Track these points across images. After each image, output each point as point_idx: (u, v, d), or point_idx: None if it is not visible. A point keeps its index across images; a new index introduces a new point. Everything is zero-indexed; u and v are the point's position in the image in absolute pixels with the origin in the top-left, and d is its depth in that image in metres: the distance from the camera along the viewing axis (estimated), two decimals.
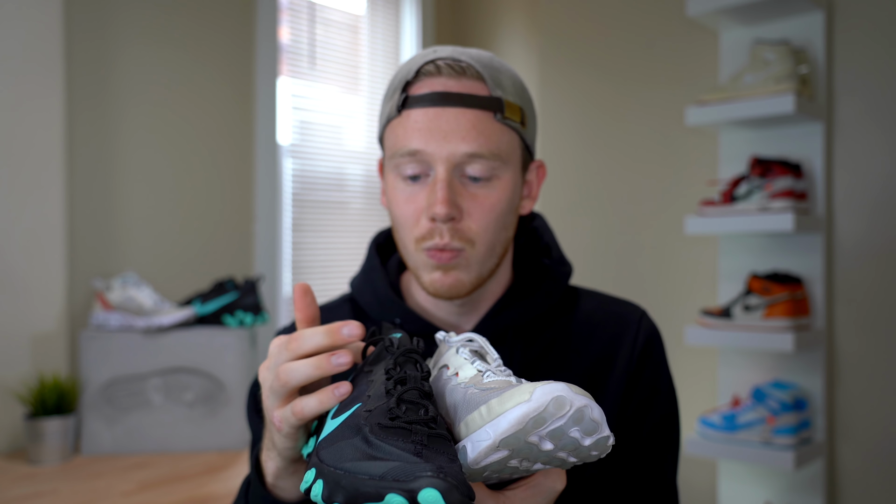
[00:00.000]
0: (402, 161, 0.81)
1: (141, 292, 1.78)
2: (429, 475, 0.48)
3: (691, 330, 2.00)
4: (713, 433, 1.97)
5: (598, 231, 2.55)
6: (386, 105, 0.85)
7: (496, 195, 0.82)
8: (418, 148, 0.79)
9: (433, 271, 0.82)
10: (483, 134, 0.79)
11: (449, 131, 0.78)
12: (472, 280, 0.83)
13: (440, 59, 0.81)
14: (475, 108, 0.79)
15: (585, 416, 0.54)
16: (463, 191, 0.80)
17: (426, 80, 0.81)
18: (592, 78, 2.58)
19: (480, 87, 0.80)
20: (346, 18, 2.68)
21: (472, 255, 0.82)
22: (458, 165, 0.79)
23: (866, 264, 2.00)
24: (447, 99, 0.79)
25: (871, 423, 1.99)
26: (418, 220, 0.81)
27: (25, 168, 1.79)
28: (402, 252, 0.86)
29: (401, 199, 0.82)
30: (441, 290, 0.82)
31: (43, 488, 1.48)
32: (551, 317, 0.90)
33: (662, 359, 0.91)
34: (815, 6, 1.97)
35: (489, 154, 0.79)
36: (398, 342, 0.66)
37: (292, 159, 2.49)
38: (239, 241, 2.30)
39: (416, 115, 0.80)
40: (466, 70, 0.80)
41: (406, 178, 0.82)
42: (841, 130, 2.04)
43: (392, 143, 0.83)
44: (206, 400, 1.74)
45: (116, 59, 2.02)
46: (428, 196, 0.80)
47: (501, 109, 0.80)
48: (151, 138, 2.10)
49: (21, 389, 1.75)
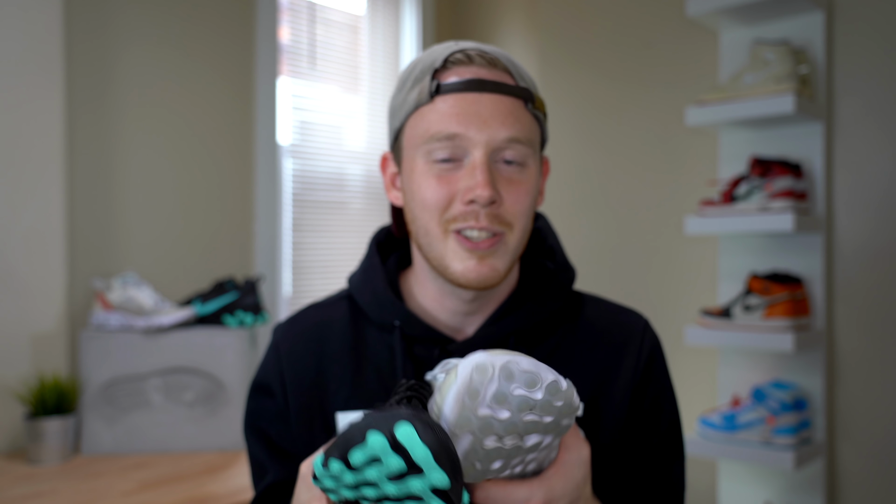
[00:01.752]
0: (435, 146, 0.79)
1: (141, 292, 1.78)
2: (405, 416, 0.53)
3: (691, 330, 2.00)
4: (713, 433, 1.97)
5: (598, 231, 2.55)
6: (408, 94, 0.83)
7: (529, 181, 0.82)
8: (457, 132, 0.78)
9: (467, 259, 0.79)
10: (519, 121, 0.80)
11: (488, 116, 0.78)
12: (506, 267, 0.82)
13: (469, 49, 0.81)
14: (510, 96, 0.80)
15: (515, 371, 0.54)
16: (500, 176, 0.80)
17: (457, 68, 0.81)
18: (592, 78, 2.58)
19: (509, 79, 0.81)
20: (346, 18, 2.68)
21: (511, 239, 0.81)
22: (495, 150, 0.79)
23: (866, 264, 2.00)
24: (483, 85, 0.79)
25: (871, 423, 1.99)
26: (451, 202, 0.79)
27: (26, 168, 1.79)
28: (423, 241, 0.83)
29: (433, 181, 0.80)
30: (474, 280, 0.80)
31: (43, 488, 1.48)
32: (554, 323, 0.88)
33: (665, 368, 0.91)
34: (815, 6, 1.97)
35: (525, 139, 0.80)
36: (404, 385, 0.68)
37: (292, 159, 2.49)
38: (239, 241, 2.30)
39: (451, 100, 0.79)
40: (496, 62, 0.81)
41: (438, 163, 0.80)
42: (841, 130, 2.04)
43: (423, 130, 0.81)
44: (206, 400, 1.74)
45: (116, 59, 2.02)
46: (466, 179, 0.79)
47: (532, 99, 0.82)
48: (151, 138, 2.10)
49: (21, 389, 1.75)
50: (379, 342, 0.87)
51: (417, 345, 0.85)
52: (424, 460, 0.52)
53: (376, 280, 0.89)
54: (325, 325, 0.91)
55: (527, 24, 2.82)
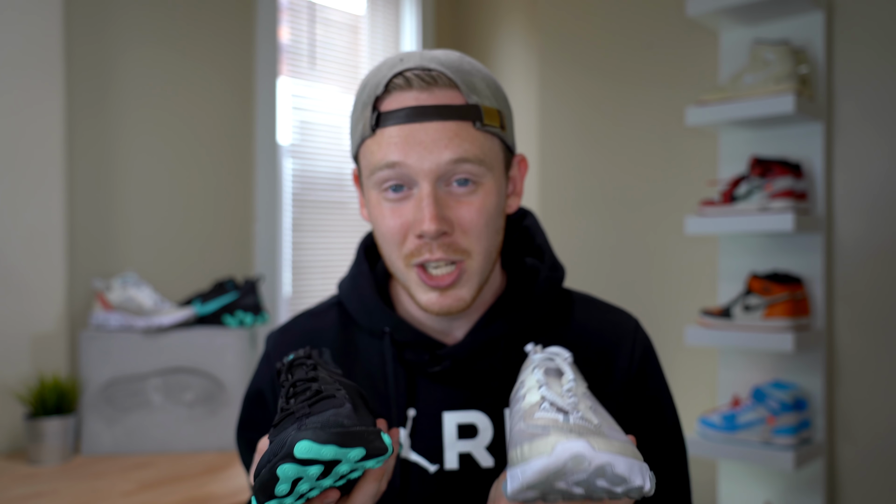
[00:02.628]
0: (382, 175, 0.77)
1: (141, 292, 1.78)
2: (293, 433, 0.57)
3: (691, 330, 2.00)
4: (713, 433, 1.97)
5: (598, 231, 2.55)
6: (357, 123, 0.81)
7: (484, 200, 0.78)
8: (398, 160, 0.76)
9: (429, 291, 0.79)
10: (466, 140, 0.76)
11: (430, 143, 0.75)
12: (473, 293, 0.80)
13: (408, 70, 0.77)
14: (453, 120, 0.76)
15: (608, 472, 0.56)
16: (449, 202, 0.77)
17: (397, 94, 0.77)
18: (592, 78, 2.58)
19: (455, 96, 0.77)
20: (346, 18, 2.68)
21: (472, 265, 0.79)
22: (442, 176, 0.76)
23: (866, 264, 2.00)
24: (423, 113, 0.75)
25: (871, 423, 1.99)
26: (405, 237, 0.78)
27: (26, 168, 1.79)
28: (390, 267, 0.83)
29: (385, 215, 0.79)
30: (438, 311, 0.79)
31: (43, 488, 1.48)
32: (545, 325, 0.87)
33: (659, 369, 0.90)
34: (815, 6, 1.97)
35: (474, 158, 0.77)
36: (286, 362, 0.73)
37: (292, 159, 2.49)
38: (239, 241, 2.30)
39: (391, 131, 0.76)
40: (438, 79, 0.77)
41: (388, 192, 0.78)
42: (841, 130, 2.04)
43: (369, 161, 0.79)
44: (206, 400, 1.74)
45: (116, 59, 2.02)
46: (414, 212, 0.77)
47: (480, 117, 0.77)
48: (151, 138, 2.10)
49: (21, 389, 1.75)
50: (370, 348, 0.87)
51: (408, 350, 0.85)
52: (335, 454, 0.57)
53: (364, 286, 0.89)
54: (316, 332, 0.91)
55: (527, 24, 2.82)
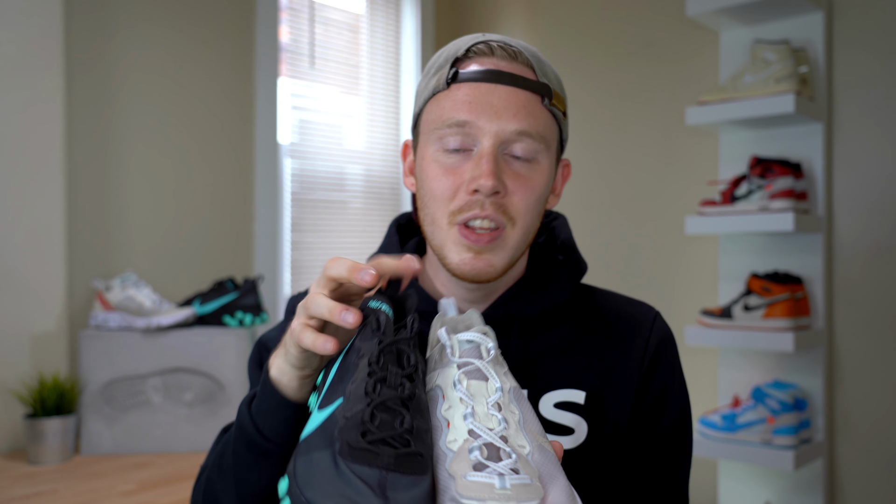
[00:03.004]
0: (446, 133, 0.79)
1: (141, 292, 1.78)
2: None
3: (691, 330, 2.00)
4: (713, 433, 1.97)
5: (599, 231, 2.55)
6: (429, 81, 0.83)
7: (538, 177, 0.81)
8: (467, 119, 0.78)
9: (464, 252, 0.79)
10: (532, 115, 0.79)
11: (500, 107, 0.78)
12: (504, 264, 0.81)
13: (492, 41, 0.81)
14: (526, 90, 0.79)
15: None
16: (507, 168, 0.79)
17: (478, 57, 0.80)
18: (592, 78, 2.58)
19: (529, 73, 0.81)
20: (346, 18, 2.68)
21: (511, 234, 0.80)
22: (504, 142, 0.79)
23: (866, 264, 2.00)
24: (500, 77, 0.79)
25: (871, 423, 1.99)
26: (456, 193, 0.79)
27: (25, 168, 1.79)
28: (428, 229, 0.83)
29: (439, 171, 0.80)
30: (469, 273, 0.80)
31: (43, 488, 1.48)
32: (561, 313, 0.88)
33: (675, 362, 0.90)
34: (815, 6, 1.97)
35: (536, 135, 0.79)
36: (384, 325, 0.63)
37: (292, 159, 2.48)
38: (239, 241, 2.30)
39: (466, 88, 0.79)
40: (517, 55, 0.80)
41: (448, 151, 0.80)
42: (841, 130, 2.04)
43: (436, 116, 0.81)
44: (206, 400, 1.74)
45: (116, 58, 2.02)
46: (472, 169, 0.78)
47: (550, 95, 0.81)
48: (151, 138, 2.10)
49: (21, 389, 1.75)
50: None
51: (424, 322, 0.84)
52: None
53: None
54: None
55: (527, 24, 2.82)
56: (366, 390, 0.58)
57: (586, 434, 0.82)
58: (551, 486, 0.57)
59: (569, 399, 0.83)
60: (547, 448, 0.60)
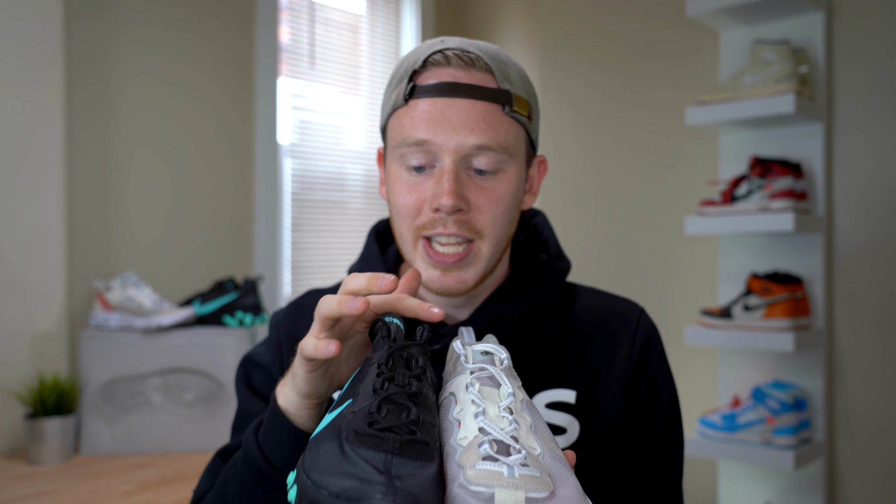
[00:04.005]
0: (407, 151, 0.79)
1: (141, 292, 1.78)
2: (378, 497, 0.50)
3: (691, 330, 2.00)
4: (713, 433, 1.97)
5: (598, 231, 2.55)
6: (391, 94, 0.83)
7: (503, 188, 0.80)
8: (425, 138, 0.78)
9: (431, 269, 0.80)
10: (492, 126, 0.78)
11: (458, 122, 0.77)
12: (476, 277, 0.81)
13: (448, 49, 0.80)
14: (484, 101, 0.78)
15: None
16: (470, 183, 0.79)
17: (434, 69, 0.79)
18: (592, 78, 2.58)
19: (489, 80, 0.79)
20: (346, 18, 2.68)
21: (482, 247, 0.80)
22: (465, 157, 0.78)
23: (866, 264, 2.00)
24: (456, 90, 0.78)
25: (871, 423, 1.99)
26: (420, 210, 0.80)
27: (25, 168, 1.79)
28: (399, 244, 0.84)
29: (403, 189, 0.81)
30: (439, 290, 0.81)
31: (43, 488, 1.48)
32: (547, 312, 0.88)
33: (662, 357, 0.90)
34: (815, 6, 1.97)
35: (497, 147, 0.78)
36: (394, 332, 0.64)
37: (292, 159, 2.48)
38: (239, 241, 2.30)
39: (423, 104, 0.78)
40: (475, 62, 0.79)
41: (410, 169, 0.80)
42: (841, 130, 2.04)
43: (397, 133, 0.81)
44: (206, 400, 1.74)
45: (116, 58, 2.02)
46: (434, 187, 0.78)
47: (510, 102, 0.79)
48: (151, 138, 2.10)
49: (21, 389, 1.75)
50: None
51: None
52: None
53: (374, 266, 0.90)
54: None
55: (527, 24, 2.82)
56: (374, 388, 0.59)
57: (578, 433, 0.83)
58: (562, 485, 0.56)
59: (560, 399, 0.83)
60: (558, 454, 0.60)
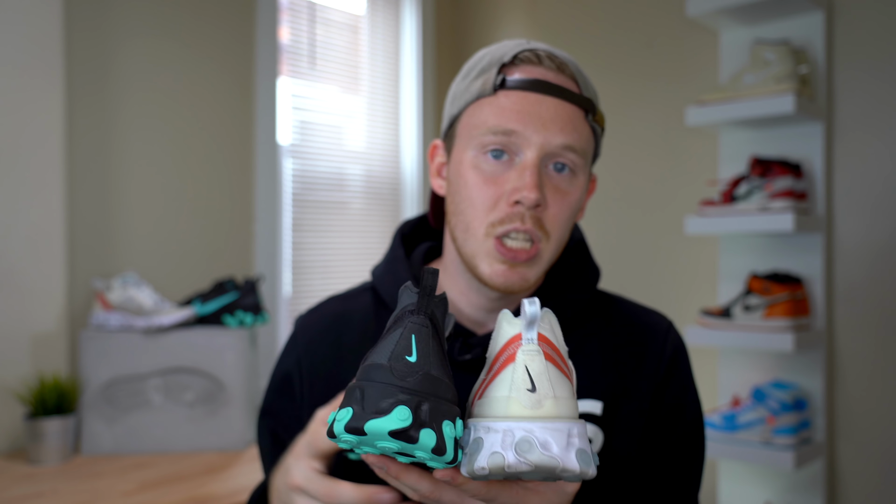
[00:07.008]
0: (490, 140, 0.78)
1: (141, 292, 1.78)
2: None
3: (691, 330, 2.00)
4: (713, 433, 1.97)
5: (598, 231, 2.55)
6: (470, 83, 0.82)
7: (575, 192, 0.81)
8: (514, 129, 0.77)
9: (497, 263, 0.79)
10: (577, 129, 0.79)
11: (548, 119, 0.77)
12: (536, 278, 0.81)
13: (539, 50, 0.80)
14: (572, 104, 0.79)
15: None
16: (547, 181, 0.79)
17: (524, 66, 0.80)
18: (593, 78, 2.58)
19: (574, 86, 0.80)
20: (346, 18, 2.68)
21: (546, 249, 0.80)
22: (548, 155, 0.78)
23: (866, 264, 2.00)
24: (548, 88, 0.78)
25: (871, 423, 1.99)
26: (497, 203, 0.78)
27: (25, 168, 1.79)
28: (460, 235, 0.82)
29: (479, 179, 0.79)
30: (501, 285, 0.79)
31: (43, 488, 1.48)
32: (577, 320, 0.87)
33: (689, 372, 0.89)
34: (815, 6, 1.97)
35: (580, 149, 0.79)
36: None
37: (292, 159, 2.48)
38: (239, 241, 2.30)
39: (514, 96, 0.78)
40: (563, 67, 0.80)
41: (489, 158, 0.79)
42: (841, 130, 2.04)
43: (480, 121, 0.80)
44: (206, 400, 1.74)
45: (116, 58, 2.02)
46: (515, 180, 0.78)
47: (594, 111, 0.81)
48: (151, 138, 2.10)
49: (21, 389, 1.75)
50: None
51: None
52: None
53: (401, 271, 0.88)
54: (344, 315, 0.91)
55: (527, 24, 2.82)
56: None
57: (602, 444, 0.82)
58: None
59: (586, 410, 0.83)
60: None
